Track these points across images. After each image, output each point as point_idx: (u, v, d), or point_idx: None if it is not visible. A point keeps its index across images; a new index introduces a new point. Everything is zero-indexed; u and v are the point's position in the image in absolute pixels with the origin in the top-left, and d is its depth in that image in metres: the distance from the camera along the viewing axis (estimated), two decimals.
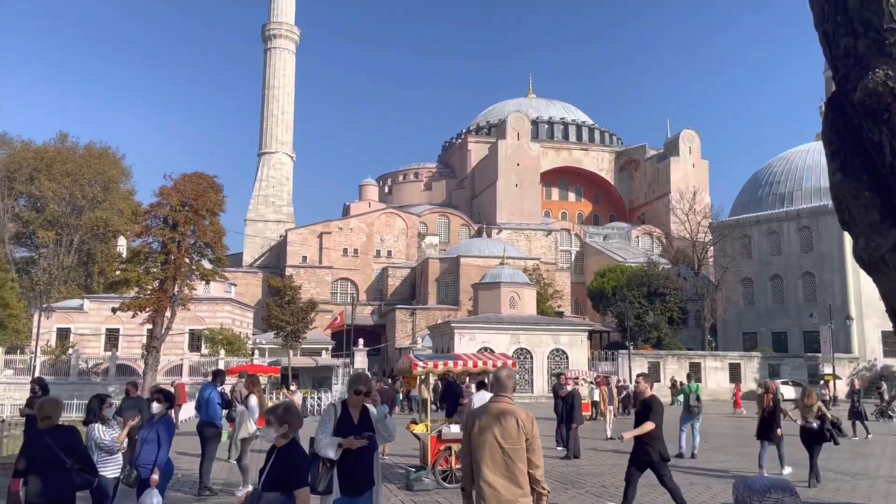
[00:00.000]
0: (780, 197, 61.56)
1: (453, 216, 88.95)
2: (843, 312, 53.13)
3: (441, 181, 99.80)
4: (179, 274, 37.12)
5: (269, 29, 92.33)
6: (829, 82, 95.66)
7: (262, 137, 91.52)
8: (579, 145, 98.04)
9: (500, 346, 44.90)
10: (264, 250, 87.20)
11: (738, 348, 59.12)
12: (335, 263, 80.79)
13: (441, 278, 74.44)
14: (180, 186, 37.74)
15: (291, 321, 42.75)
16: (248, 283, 78.97)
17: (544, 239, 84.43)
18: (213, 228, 38.40)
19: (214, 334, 49.30)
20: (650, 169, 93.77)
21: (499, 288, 48.08)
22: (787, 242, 59.55)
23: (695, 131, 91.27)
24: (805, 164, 61.67)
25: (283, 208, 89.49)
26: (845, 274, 55.63)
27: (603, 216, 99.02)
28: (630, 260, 73.58)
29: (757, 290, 61.26)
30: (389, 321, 73.20)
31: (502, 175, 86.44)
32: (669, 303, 59.08)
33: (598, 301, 67.16)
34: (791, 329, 58.80)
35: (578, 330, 49.26)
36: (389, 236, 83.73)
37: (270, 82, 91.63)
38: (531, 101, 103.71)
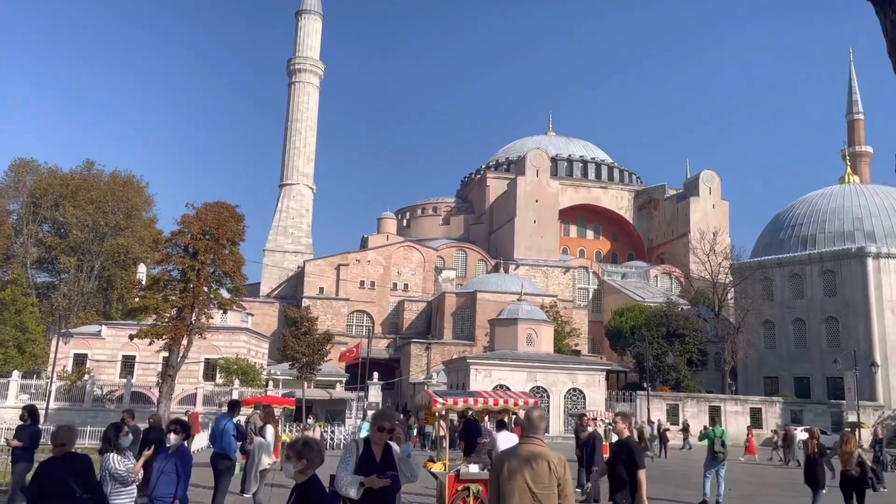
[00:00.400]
0: (802, 239, 60.84)
1: (471, 251, 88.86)
2: (867, 359, 51.98)
3: (459, 216, 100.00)
4: (197, 302, 37.16)
5: (294, 63, 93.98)
6: (850, 126, 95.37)
7: (284, 169, 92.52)
8: (598, 183, 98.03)
9: (517, 384, 44.32)
10: (282, 281, 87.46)
11: (758, 392, 57.91)
12: (351, 296, 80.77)
13: (457, 313, 74.05)
14: (202, 215, 38.00)
15: (307, 353, 42.53)
16: (265, 313, 79.04)
17: (562, 276, 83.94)
18: (233, 258, 38.52)
19: (230, 364, 49.18)
20: (669, 209, 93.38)
21: (516, 324, 47.63)
22: (810, 286, 58.65)
23: (715, 172, 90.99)
24: (828, 206, 61.03)
25: (302, 239, 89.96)
26: (870, 320, 54.57)
27: (621, 255, 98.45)
28: (649, 300, 72.81)
29: (779, 333, 60.20)
30: (404, 355, 72.73)
31: (521, 211, 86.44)
32: (689, 344, 58.20)
33: (616, 340, 66.33)
34: (814, 374, 57.55)
35: (596, 370, 48.56)
36: (406, 269, 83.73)
37: (294, 115, 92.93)
38: (551, 139, 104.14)
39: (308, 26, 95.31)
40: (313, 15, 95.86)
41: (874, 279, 54.94)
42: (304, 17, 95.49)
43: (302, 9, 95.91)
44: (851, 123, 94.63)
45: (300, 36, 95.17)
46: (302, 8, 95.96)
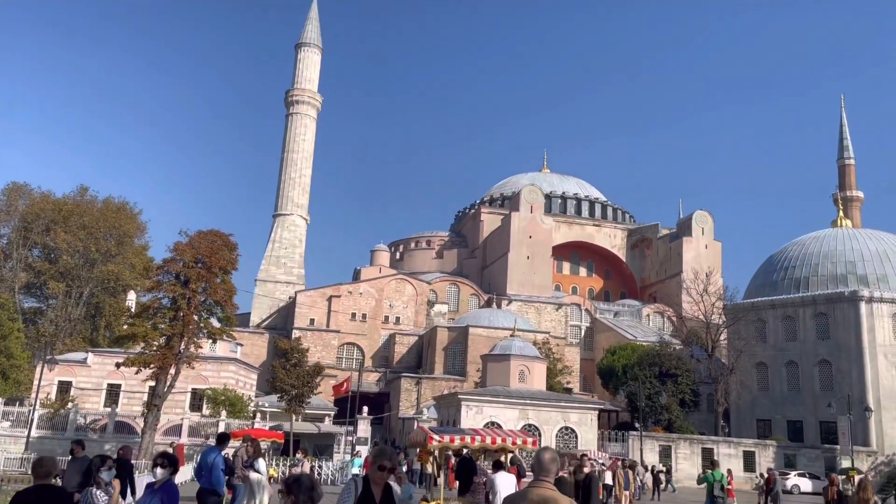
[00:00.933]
0: (795, 282, 60.93)
1: (463, 285, 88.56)
2: (861, 403, 51.68)
3: (453, 250, 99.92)
4: (187, 331, 36.69)
5: (292, 95, 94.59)
6: (842, 171, 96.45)
7: (279, 199, 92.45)
8: (592, 221, 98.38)
9: (508, 421, 43.70)
10: (272, 311, 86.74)
11: (751, 435, 57.35)
12: (343, 327, 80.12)
13: (449, 347, 73.45)
14: (195, 243, 37.76)
15: (297, 385, 41.88)
16: (255, 343, 78.20)
17: (554, 313, 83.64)
18: (225, 287, 38.18)
19: (217, 395, 48.36)
20: (662, 248, 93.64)
21: (508, 360, 47.16)
22: (803, 328, 58.55)
23: (708, 213, 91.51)
24: (821, 250, 61.27)
25: (295, 270, 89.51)
26: (863, 364, 54.39)
27: (614, 293, 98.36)
28: (641, 338, 72.48)
29: (772, 375, 59.89)
30: (394, 389, 71.87)
31: (514, 247, 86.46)
32: (681, 384, 57.74)
33: (608, 379, 65.79)
34: (807, 418, 57.12)
35: (588, 408, 47.98)
36: (398, 302, 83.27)
37: (290, 146, 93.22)
38: (545, 176, 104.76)
39: (307, 59, 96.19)
40: (312, 48, 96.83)
41: (867, 323, 54.90)
42: (304, 49, 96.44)
43: (301, 41, 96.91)
44: (843, 168, 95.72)
45: (299, 68, 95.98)
46: (301, 41, 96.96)
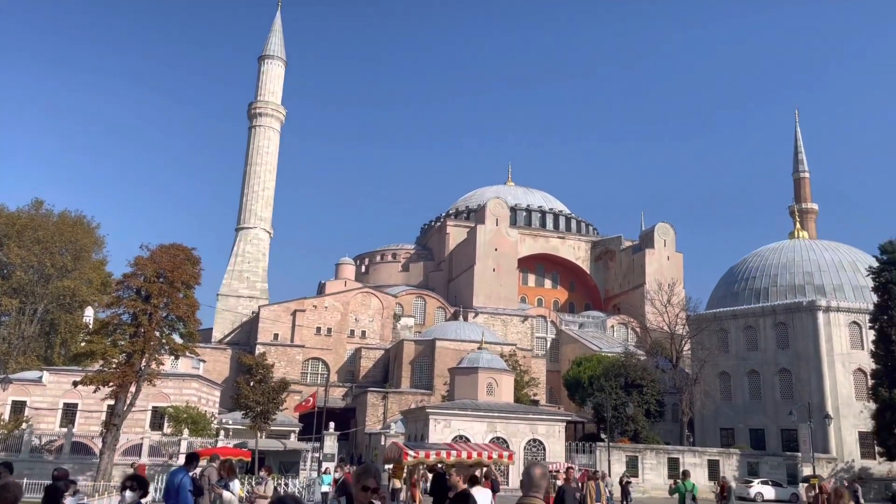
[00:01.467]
0: (755, 292, 62.14)
1: (430, 298, 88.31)
2: (820, 411, 52.75)
3: (419, 263, 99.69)
4: (148, 347, 35.75)
5: (255, 107, 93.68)
6: (797, 184, 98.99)
7: (242, 212, 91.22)
8: (556, 233, 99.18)
9: (476, 435, 43.52)
10: (235, 326, 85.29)
11: (715, 444, 58.09)
12: (307, 342, 79.13)
13: (415, 361, 73.04)
14: (157, 257, 36.90)
15: (262, 401, 41.09)
16: (217, 359, 76.73)
17: (520, 325, 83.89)
18: (188, 302, 37.35)
19: (179, 412, 47.16)
20: (625, 260, 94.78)
21: (476, 373, 47.03)
22: (764, 338, 59.68)
23: (669, 225, 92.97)
24: (780, 261, 62.67)
25: (258, 284, 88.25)
26: (821, 372, 55.61)
27: (578, 304, 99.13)
28: (606, 350, 73.08)
29: (734, 384, 60.86)
30: (360, 404, 71.11)
31: (480, 259, 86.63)
32: (647, 395, 58.26)
33: (575, 390, 66.06)
34: (769, 426, 58.11)
35: (556, 420, 48.05)
36: (364, 316, 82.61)
37: (253, 159, 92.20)
38: (510, 189, 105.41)
39: (271, 71, 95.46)
40: (276, 60, 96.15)
41: (825, 332, 56.20)
42: (267, 62, 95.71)
43: (265, 54, 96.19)
44: (798, 181, 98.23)
45: (262, 80, 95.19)
46: (265, 53, 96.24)
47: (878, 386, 47.82)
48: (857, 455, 53.92)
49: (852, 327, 56.80)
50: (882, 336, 47.89)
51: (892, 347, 46.70)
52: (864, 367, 54.52)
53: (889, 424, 46.17)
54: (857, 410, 54.30)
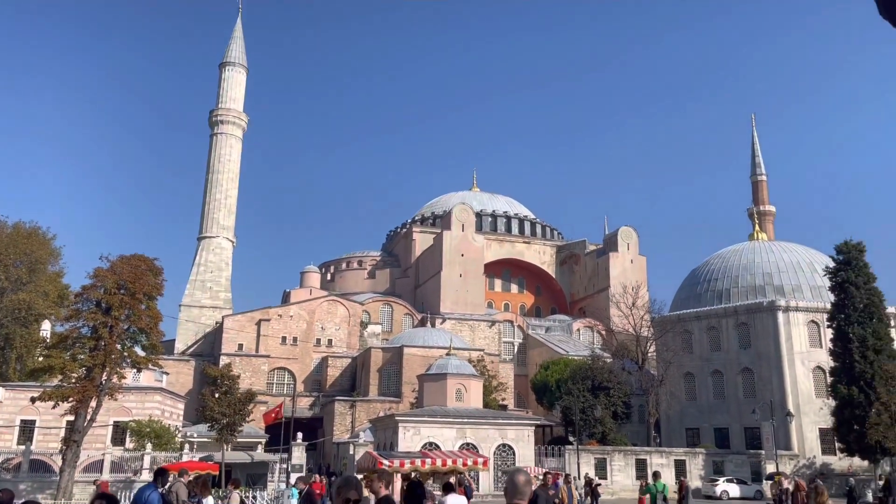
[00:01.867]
0: (717, 294, 63.28)
1: (397, 305, 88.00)
2: (782, 409, 53.84)
3: (385, 269, 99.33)
4: (109, 361, 34.85)
5: (216, 115, 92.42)
6: (755, 186, 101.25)
7: (203, 221, 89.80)
8: (522, 238, 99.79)
9: (446, 442, 43.43)
10: (198, 337, 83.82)
11: (681, 444, 58.89)
12: (273, 352, 78.13)
13: (383, 369, 72.64)
14: (117, 268, 36.04)
15: (228, 413, 40.39)
16: (180, 371, 75.31)
17: (488, 330, 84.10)
18: (150, 313, 36.55)
19: (142, 427, 46.08)
20: (590, 263, 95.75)
21: (445, 379, 47.00)
22: (727, 338, 60.77)
23: (632, 228, 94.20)
24: (740, 262, 63.93)
25: (221, 294, 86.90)
26: (782, 371, 56.80)
27: (545, 308, 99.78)
28: (572, 353, 73.64)
29: (699, 385, 61.82)
30: (328, 413, 70.44)
31: (447, 265, 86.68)
32: (614, 397, 58.84)
33: (542, 394, 66.42)
34: (732, 425, 59.13)
35: (525, 424, 48.25)
36: (330, 324, 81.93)
37: (215, 167, 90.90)
38: (475, 195, 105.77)
39: (232, 78, 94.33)
40: (237, 67, 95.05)
41: (784, 332, 57.46)
42: (228, 68, 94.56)
43: (226, 61, 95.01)
44: (756, 184, 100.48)
45: (223, 87, 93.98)
46: (226, 60, 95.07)
47: (836, 383, 48.99)
48: (818, 451, 55.15)
49: (811, 326, 58.17)
50: (839, 334, 49.10)
51: (850, 345, 47.90)
52: (822, 365, 55.83)
53: (848, 420, 47.32)
54: (818, 407, 55.58)
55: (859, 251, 49.91)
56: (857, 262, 49.52)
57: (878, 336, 48.09)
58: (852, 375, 47.34)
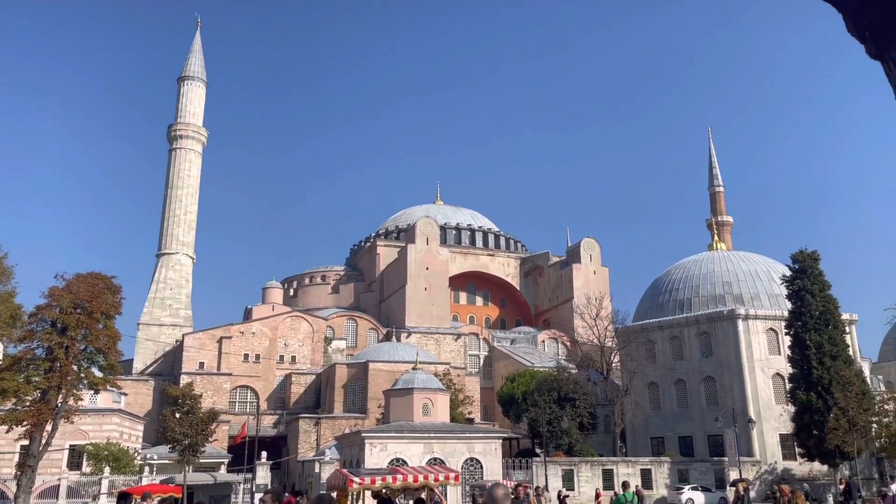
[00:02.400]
0: (679, 303, 64.27)
1: (361, 320, 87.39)
2: (743, 416, 54.76)
3: (349, 284, 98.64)
4: (65, 383, 33.80)
5: (175, 129, 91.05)
6: (713, 198, 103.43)
7: (162, 238, 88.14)
8: (486, 251, 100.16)
9: (414, 457, 43.05)
10: (158, 356, 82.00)
11: (646, 453, 59.43)
12: (235, 370, 76.79)
13: (348, 384, 71.92)
14: (73, 287, 35.08)
15: (190, 433, 39.46)
16: (139, 391, 73.53)
17: (453, 343, 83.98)
18: (108, 333, 35.59)
19: (99, 450, 44.74)
20: (554, 275, 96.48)
21: (412, 394, 46.61)
22: (689, 347, 61.69)
23: (595, 240, 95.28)
24: (700, 272, 65.09)
25: (181, 311, 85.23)
26: (743, 378, 57.81)
27: (510, 321, 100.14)
28: (538, 364, 73.96)
29: (662, 394, 62.55)
30: (292, 431, 69.38)
31: (411, 279, 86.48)
32: (580, 408, 59.18)
33: (509, 406, 66.49)
34: (696, 433, 59.92)
35: (493, 438, 48.11)
36: (294, 341, 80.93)
37: (174, 182, 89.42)
38: (439, 208, 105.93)
39: (191, 92, 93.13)
40: (197, 81, 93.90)
41: (744, 340, 58.57)
42: (187, 83, 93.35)
43: (185, 75, 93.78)
44: (713, 195, 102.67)
45: (182, 102, 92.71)
46: (185, 74, 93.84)
47: (795, 389, 50.08)
48: (780, 457, 56.18)
49: (769, 334, 59.42)
50: (797, 341, 50.26)
51: (807, 352, 49.05)
52: (782, 372, 57.03)
53: (807, 426, 48.35)
54: (778, 414, 56.66)
55: (814, 260, 51.25)
56: (812, 270, 50.84)
57: (833, 342, 49.35)
58: (810, 381, 48.43)
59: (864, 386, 50.22)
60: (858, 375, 49.79)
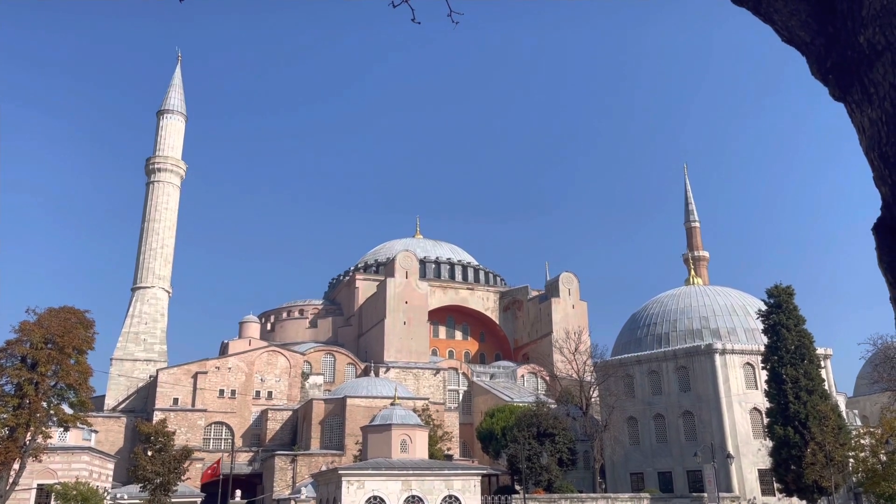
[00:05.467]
0: (657, 338, 64.56)
1: (339, 354, 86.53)
2: (722, 450, 54.77)
3: (327, 318, 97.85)
4: (34, 420, 32.99)
5: (153, 162, 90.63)
6: (689, 232, 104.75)
7: (138, 271, 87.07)
8: (465, 285, 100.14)
9: (391, 495, 42.41)
10: (130, 392, 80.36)
11: (626, 489, 59.05)
12: (210, 406, 75.40)
13: (326, 421, 70.86)
14: (44, 321, 34.46)
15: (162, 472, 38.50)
16: (110, 428, 71.83)
17: (432, 378, 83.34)
18: (80, 368, 34.91)
19: (68, 490, 43.37)
20: (533, 309, 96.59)
21: (390, 430, 46.06)
22: (667, 382, 61.81)
23: (573, 274, 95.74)
24: (678, 306, 65.58)
25: (156, 346, 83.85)
26: (721, 413, 57.93)
27: (489, 355, 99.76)
28: (517, 399, 73.55)
29: (642, 429, 62.43)
30: (268, 469, 67.98)
31: (390, 313, 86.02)
32: (559, 443, 58.76)
33: (488, 442, 65.84)
34: (675, 468, 59.71)
35: (471, 474, 47.54)
36: (271, 376, 79.81)
37: (151, 215, 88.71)
38: (419, 242, 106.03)
39: (170, 126, 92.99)
40: (176, 115, 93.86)
41: (722, 374, 58.85)
42: (166, 116, 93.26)
43: (164, 108, 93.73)
44: (689, 230, 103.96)
45: (161, 135, 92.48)
46: (164, 108, 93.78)
47: (773, 424, 50.23)
48: (758, 492, 56.09)
49: (746, 368, 59.78)
50: (773, 375, 50.60)
51: (784, 386, 49.36)
52: (759, 406, 57.25)
53: (785, 461, 48.41)
54: (756, 448, 56.72)
55: (788, 294, 51.89)
56: (787, 304, 51.45)
57: (809, 377, 49.74)
58: (787, 416, 48.64)
59: (841, 420, 50.54)
60: (834, 410, 50.13)
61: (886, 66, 3.11)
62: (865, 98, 3.31)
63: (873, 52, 3.17)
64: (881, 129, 3.19)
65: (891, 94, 3.10)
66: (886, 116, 3.18)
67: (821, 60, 3.50)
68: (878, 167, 3.26)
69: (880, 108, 3.18)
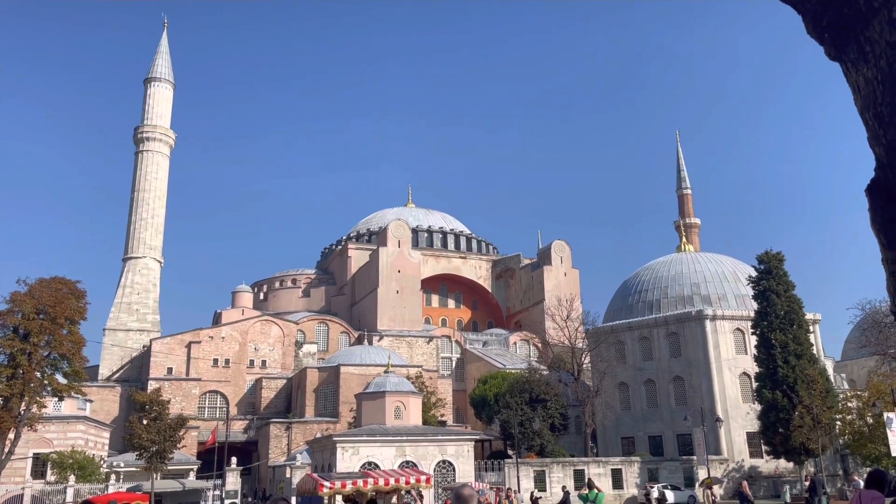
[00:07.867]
0: (648, 304, 65.00)
1: (333, 323, 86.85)
2: (711, 415, 55.56)
3: (320, 287, 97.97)
4: (28, 390, 33.10)
5: (141, 131, 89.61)
6: (681, 200, 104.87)
7: (129, 242, 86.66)
8: (458, 254, 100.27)
9: (385, 460, 42.93)
10: (124, 362, 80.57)
11: (617, 453, 59.96)
12: (204, 375, 75.76)
13: (320, 389, 71.41)
14: (36, 292, 34.36)
15: (157, 440, 38.81)
16: (105, 398, 72.13)
17: (426, 346, 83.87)
18: (72, 338, 34.94)
19: (64, 458, 43.77)
20: (525, 277, 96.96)
21: (384, 397, 46.48)
22: (658, 348, 62.42)
23: (565, 242, 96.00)
24: (669, 273, 65.93)
25: (149, 316, 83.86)
26: (711, 378, 58.66)
27: (482, 323, 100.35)
28: (510, 366, 74.21)
29: (632, 394, 63.20)
30: (263, 436, 68.67)
31: (383, 282, 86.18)
32: (551, 409, 59.51)
33: (481, 408, 66.59)
34: (666, 432, 60.62)
35: (465, 440, 48.18)
36: (264, 345, 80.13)
37: (141, 185, 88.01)
38: (411, 210, 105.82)
39: (158, 94, 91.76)
40: (164, 83, 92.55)
41: (712, 339, 59.45)
42: (154, 84, 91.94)
43: (151, 76, 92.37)
44: (681, 197, 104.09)
45: (149, 104, 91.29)
46: (151, 75, 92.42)
47: (761, 388, 50.96)
48: (747, 455, 57.10)
49: (736, 334, 60.38)
50: (763, 340, 51.15)
51: (773, 351, 49.94)
52: (748, 371, 57.99)
53: (773, 424, 49.20)
54: (745, 412, 57.60)
55: (779, 261, 52.22)
56: (777, 271, 51.81)
57: (798, 342, 50.33)
58: (776, 380, 49.31)
59: (828, 384, 51.29)
60: (822, 374, 50.84)
61: (883, 24, 3.06)
62: (861, 57, 3.27)
63: (870, 10, 3.12)
64: (876, 88, 3.16)
65: (887, 52, 3.07)
66: (882, 75, 3.15)
67: (817, 18, 3.45)
68: (873, 127, 3.23)
69: (876, 66, 3.14)
